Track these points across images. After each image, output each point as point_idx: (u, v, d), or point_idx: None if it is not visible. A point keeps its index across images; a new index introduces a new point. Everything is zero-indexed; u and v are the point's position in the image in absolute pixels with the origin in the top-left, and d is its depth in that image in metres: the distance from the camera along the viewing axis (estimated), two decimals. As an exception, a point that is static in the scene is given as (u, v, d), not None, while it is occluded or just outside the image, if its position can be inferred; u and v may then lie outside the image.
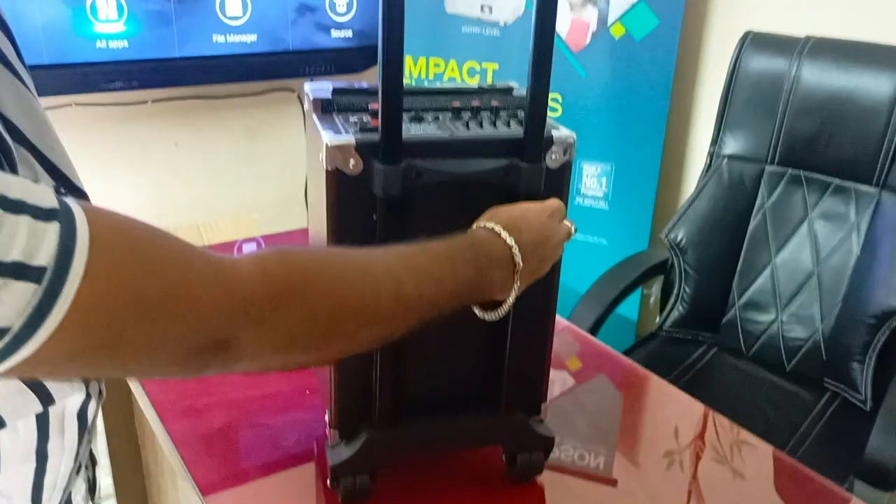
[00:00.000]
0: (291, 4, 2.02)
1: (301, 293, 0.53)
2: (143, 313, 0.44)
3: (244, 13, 1.95)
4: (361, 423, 0.82)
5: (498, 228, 0.68)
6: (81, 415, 0.63)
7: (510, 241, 0.67)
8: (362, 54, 2.17)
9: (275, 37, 2.02)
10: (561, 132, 0.77)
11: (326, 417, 0.85)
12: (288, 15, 2.02)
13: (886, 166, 1.41)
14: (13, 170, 0.52)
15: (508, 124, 0.78)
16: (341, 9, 2.09)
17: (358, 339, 0.59)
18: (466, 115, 0.79)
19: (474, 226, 0.70)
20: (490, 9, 2.01)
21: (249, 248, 1.50)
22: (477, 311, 0.72)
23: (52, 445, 0.61)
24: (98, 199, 1.76)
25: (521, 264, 0.68)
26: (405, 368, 0.81)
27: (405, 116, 0.76)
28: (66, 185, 0.60)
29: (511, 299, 0.69)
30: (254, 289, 0.50)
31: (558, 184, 0.78)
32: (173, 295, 0.45)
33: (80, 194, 0.62)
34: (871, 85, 1.42)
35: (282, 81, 2.23)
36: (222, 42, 1.95)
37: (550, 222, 0.72)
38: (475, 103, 0.80)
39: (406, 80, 2.17)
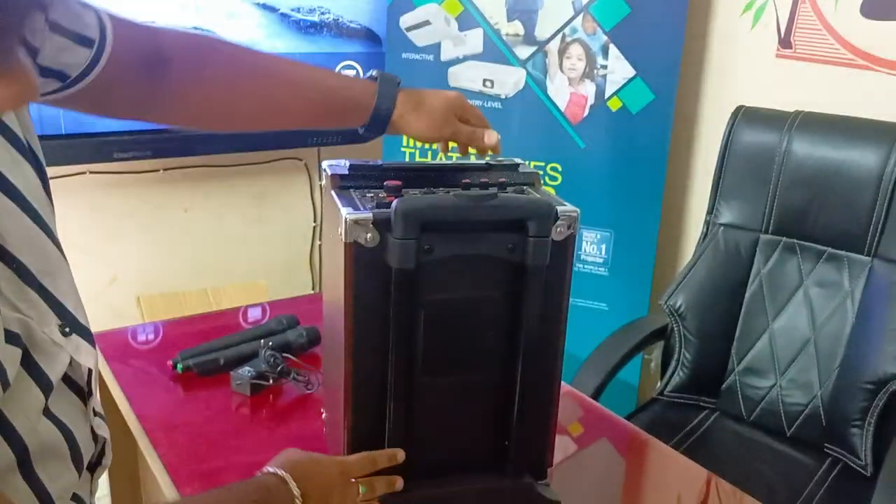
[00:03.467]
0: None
1: None
2: None
3: (256, 86, 2.03)
4: None
5: (287, 477, 0.72)
6: None
7: (296, 491, 0.71)
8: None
9: (285, 108, 2.09)
10: (566, 207, 0.81)
11: None
12: (297, 88, 2.10)
13: (877, 236, 1.46)
14: None
15: None
16: (349, 82, 2.18)
17: None
18: (475, 190, 0.84)
19: (266, 469, 0.74)
20: (492, 83, 2.09)
21: (255, 314, 1.54)
22: None
23: None
24: (110, 262, 1.80)
25: None
26: (414, 433, 0.83)
27: (418, 192, 0.81)
28: (71, 323, 0.63)
29: None
30: None
31: (562, 256, 0.82)
32: None
33: (84, 331, 0.64)
34: (858, 158, 1.48)
35: (290, 151, 2.30)
36: (234, 113, 2.02)
37: (341, 479, 0.77)
38: (483, 179, 0.85)
39: (412, 150, 2.24)
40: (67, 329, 0.62)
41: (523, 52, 2.05)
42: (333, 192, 0.84)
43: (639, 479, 1.17)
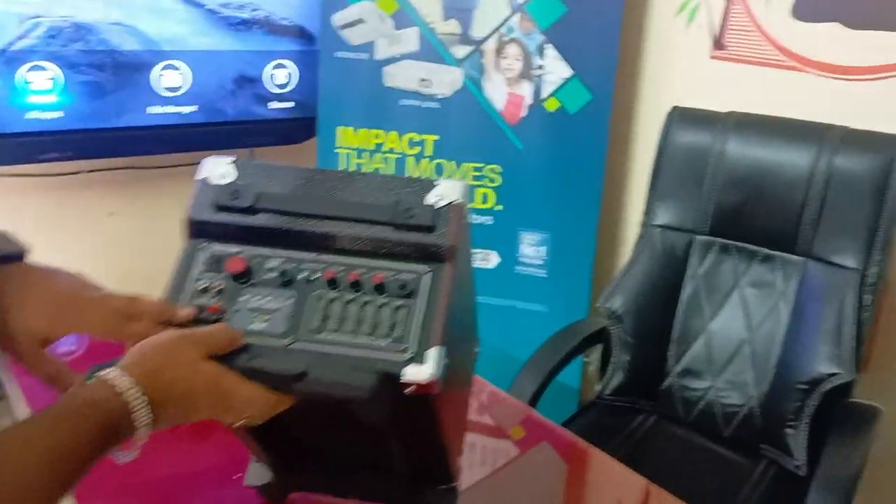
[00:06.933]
0: (230, 76, 2.03)
1: None
2: None
3: (183, 85, 1.95)
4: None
5: (124, 385, 0.61)
6: None
7: (135, 402, 0.61)
8: (303, 125, 2.18)
9: (214, 108, 2.02)
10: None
11: None
12: (227, 86, 2.03)
13: (809, 236, 1.47)
14: None
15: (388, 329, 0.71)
16: (281, 80, 2.11)
17: None
18: (336, 308, 0.72)
19: (111, 373, 0.62)
20: (429, 82, 2.05)
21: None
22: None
23: None
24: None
25: (149, 421, 0.62)
26: (312, 426, 0.82)
27: (267, 276, 0.74)
28: None
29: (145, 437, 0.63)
30: None
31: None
32: None
33: None
34: (790, 159, 1.49)
35: (221, 152, 2.21)
36: (160, 113, 1.94)
37: (204, 372, 0.66)
38: (358, 273, 0.73)
39: (347, 150, 2.18)
40: None
41: (460, 51, 2.02)
42: (181, 253, 0.77)
43: (575, 488, 1.16)
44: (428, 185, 0.75)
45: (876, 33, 1.57)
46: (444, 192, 0.74)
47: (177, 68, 1.93)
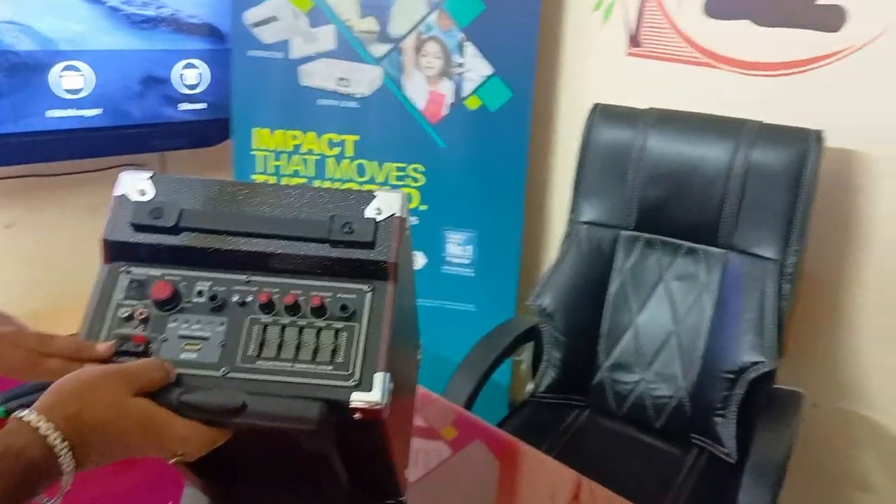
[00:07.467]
0: (136, 77, 1.92)
1: None
2: None
3: (85, 86, 1.84)
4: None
5: (44, 430, 0.56)
6: None
7: (58, 447, 0.55)
8: (217, 126, 2.10)
9: (119, 110, 1.91)
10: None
11: None
12: (133, 88, 1.93)
13: (730, 229, 1.51)
14: None
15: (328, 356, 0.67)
16: (191, 81, 2.02)
17: None
18: (272, 334, 0.67)
19: (29, 417, 0.57)
20: (347, 81, 2.00)
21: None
22: None
23: None
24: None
25: (73, 466, 0.57)
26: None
27: (196, 301, 0.69)
28: None
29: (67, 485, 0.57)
30: None
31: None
32: None
33: None
34: (708, 154, 1.52)
35: (130, 157, 2.11)
36: (61, 116, 1.83)
37: (136, 411, 0.61)
38: (293, 298, 0.68)
39: (264, 153, 2.11)
40: None
41: (378, 49, 1.98)
42: (99, 278, 0.70)
43: (508, 484, 1.17)
44: (366, 196, 0.71)
45: (783, 30, 1.63)
46: (384, 205, 0.71)
47: (78, 69, 1.81)
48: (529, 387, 1.69)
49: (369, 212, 0.70)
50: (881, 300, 1.59)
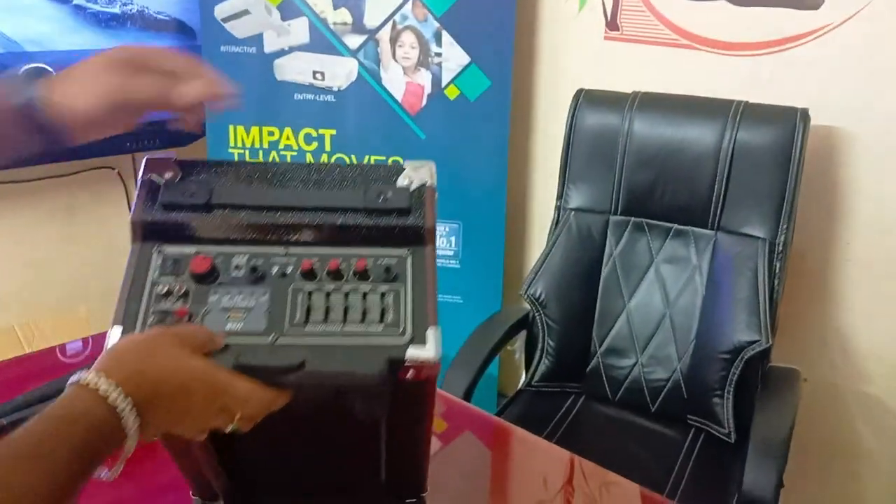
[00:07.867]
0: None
1: None
2: None
3: (52, 89, 1.78)
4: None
5: (105, 389, 0.53)
6: None
7: (121, 405, 0.53)
8: (188, 126, 2.04)
9: (89, 113, 1.85)
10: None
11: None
12: (102, 88, 1.87)
13: (718, 210, 1.51)
14: None
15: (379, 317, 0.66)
16: (161, 79, 1.97)
17: None
18: (317, 300, 0.66)
19: (87, 378, 0.54)
20: (322, 75, 1.97)
21: (76, 349, 1.34)
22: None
23: None
24: None
25: (137, 427, 0.54)
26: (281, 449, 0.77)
27: (235, 274, 0.67)
28: None
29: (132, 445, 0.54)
30: None
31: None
32: None
33: None
34: (696, 135, 1.52)
35: (99, 159, 2.05)
36: (27, 120, 1.76)
37: (192, 362, 0.59)
38: (336, 264, 0.67)
39: (242, 150, 2.07)
40: None
41: (353, 41, 1.95)
42: (130, 260, 0.68)
43: (505, 469, 1.17)
44: (397, 169, 0.72)
45: (759, 9, 1.63)
46: (414, 175, 0.72)
47: (45, 71, 1.75)
48: (523, 376, 1.68)
49: (401, 181, 0.72)
50: (867, 273, 1.62)
